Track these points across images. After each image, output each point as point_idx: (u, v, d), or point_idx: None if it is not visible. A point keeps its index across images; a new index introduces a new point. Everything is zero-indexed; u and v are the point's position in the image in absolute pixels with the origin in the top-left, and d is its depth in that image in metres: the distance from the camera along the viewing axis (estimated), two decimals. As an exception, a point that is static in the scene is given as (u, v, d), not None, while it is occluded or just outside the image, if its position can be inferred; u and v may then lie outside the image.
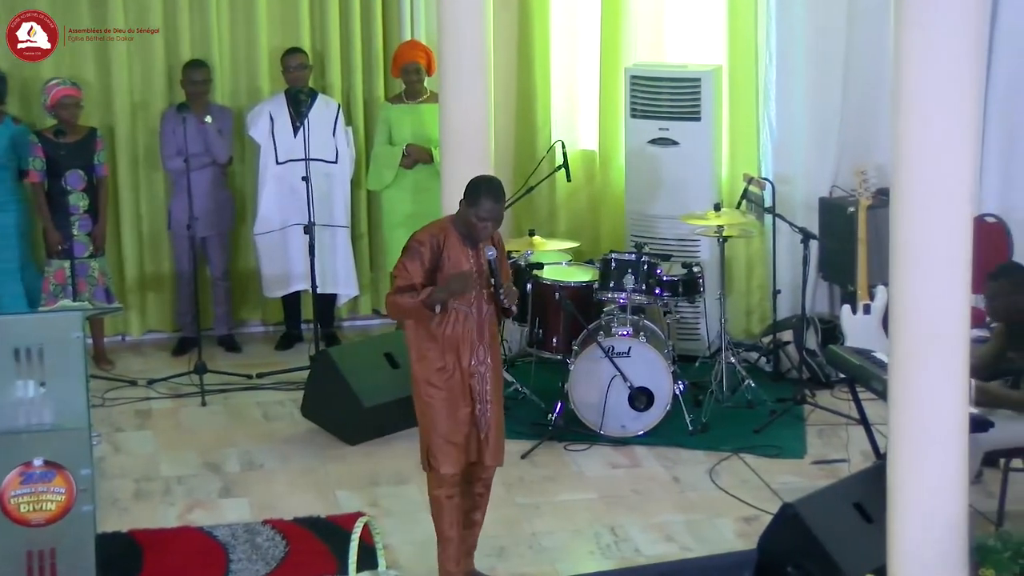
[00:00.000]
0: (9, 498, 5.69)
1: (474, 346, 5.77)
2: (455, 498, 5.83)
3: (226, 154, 8.73)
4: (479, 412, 5.81)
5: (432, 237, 5.71)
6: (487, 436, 5.83)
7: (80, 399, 5.74)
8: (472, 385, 5.79)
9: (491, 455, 5.87)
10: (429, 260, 5.68)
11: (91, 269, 8.40)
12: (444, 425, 5.76)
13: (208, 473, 7.23)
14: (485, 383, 5.81)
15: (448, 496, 5.82)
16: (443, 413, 5.76)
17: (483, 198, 5.65)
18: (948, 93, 4.86)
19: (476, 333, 5.76)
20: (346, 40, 9.10)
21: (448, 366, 5.75)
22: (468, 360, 5.76)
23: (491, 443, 5.85)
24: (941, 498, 5.08)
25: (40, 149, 8.31)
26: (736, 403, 7.91)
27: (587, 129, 9.15)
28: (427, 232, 5.76)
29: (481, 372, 5.80)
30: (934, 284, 4.98)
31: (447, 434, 5.76)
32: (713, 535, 6.54)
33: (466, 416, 5.78)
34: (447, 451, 5.76)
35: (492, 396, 5.84)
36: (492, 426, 5.84)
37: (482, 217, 5.65)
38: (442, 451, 5.76)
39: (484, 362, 5.80)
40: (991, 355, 6.49)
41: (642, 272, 7.70)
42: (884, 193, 7.74)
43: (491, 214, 5.66)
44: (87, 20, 8.75)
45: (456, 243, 5.72)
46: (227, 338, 9.01)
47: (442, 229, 5.75)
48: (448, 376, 5.75)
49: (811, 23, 8.49)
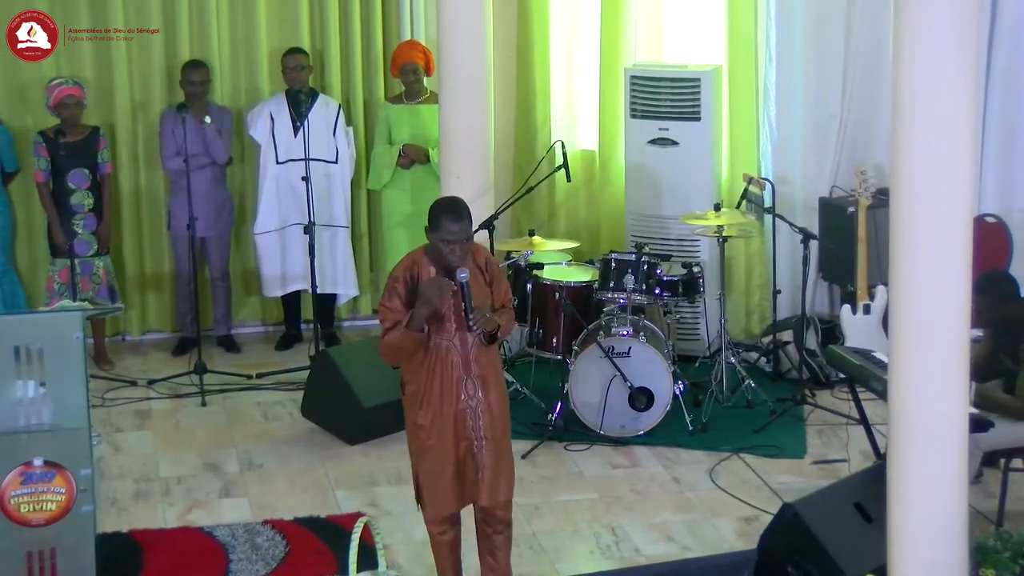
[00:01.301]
0: (9, 498, 5.68)
1: (461, 381, 5.45)
2: (448, 534, 5.63)
3: (225, 154, 8.73)
4: (475, 449, 5.49)
5: (405, 271, 5.42)
6: (483, 474, 5.51)
7: (80, 399, 5.74)
8: (465, 423, 5.47)
9: (487, 494, 5.53)
10: (406, 295, 5.38)
11: (95, 268, 8.42)
12: (431, 465, 5.50)
13: (208, 473, 7.23)
14: (478, 419, 5.48)
15: (440, 532, 5.63)
16: (430, 453, 5.49)
17: (443, 219, 5.33)
18: (947, 93, 4.86)
19: (462, 367, 5.44)
20: (346, 40, 9.10)
21: (433, 404, 5.45)
22: (456, 396, 5.44)
23: (487, 481, 5.51)
24: (941, 498, 5.08)
25: (44, 149, 8.31)
26: (736, 403, 7.91)
27: (587, 129, 9.15)
28: (400, 267, 5.46)
29: (472, 407, 5.46)
30: (934, 284, 4.98)
31: (433, 473, 5.50)
32: (713, 535, 6.55)
33: (454, 455, 5.48)
34: (433, 491, 5.52)
35: (487, 432, 5.49)
36: (488, 464, 5.50)
37: (447, 239, 5.32)
38: (428, 490, 5.54)
39: (475, 396, 5.46)
40: (984, 356, 6.50)
41: (642, 272, 7.70)
42: (884, 193, 7.75)
43: (455, 234, 5.32)
44: (87, 20, 8.76)
45: (429, 275, 5.41)
46: (227, 338, 9.01)
47: (414, 262, 5.45)
48: (433, 414, 5.45)
49: (811, 23, 8.49)
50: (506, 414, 5.61)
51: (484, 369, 5.50)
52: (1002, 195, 8.65)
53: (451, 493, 5.53)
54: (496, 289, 5.56)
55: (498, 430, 5.54)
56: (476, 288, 5.44)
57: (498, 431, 5.54)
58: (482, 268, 5.52)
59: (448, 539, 5.67)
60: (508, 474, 5.60)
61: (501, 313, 5.54)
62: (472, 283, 5.40)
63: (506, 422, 5.61)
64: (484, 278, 5.51)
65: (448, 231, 5.33)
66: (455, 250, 5.35)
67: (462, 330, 5.42)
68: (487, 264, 5.55)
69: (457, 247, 5.35)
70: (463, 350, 5.45)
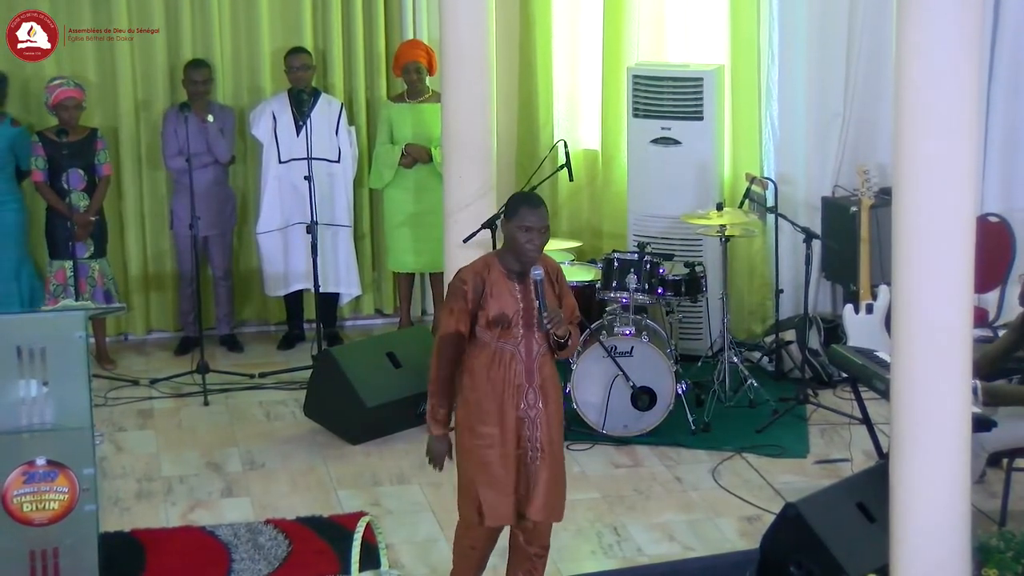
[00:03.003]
0: (12, 497, 5.69)
1: (522, 390, 5.31)
2: (478, 551, 5.49)
3: (227, 153, 8.73)
4: (530, 460, 5.35)
5: (475, 274, 5.28)
6: (538, 488, 5.36)
7: (83, 399, 5.74)
8: (521, 433, 5.34)
9: (537, 509, 5.37)
10: (472, 300, 5.26)
11: (91, 270, 8.41)
12: (489, 476, 5.33)
13: (210, 473, 7.23)
14: (536, 429, 5.34)
15: (472, 547, 5.49)
16: (488, 464, 5.33)
17: (522, 207, 5.24)
18: (950, 92, 4.86)
19: (525, 375, 5.31)
20: (348, 39, 9.10)
21: (493, 413, 5.31)
22: (516, 406, 5.32)
23: (540, 496, 5.35)
24: (944, 498, 5.08)
25: (41, 148, 8.31)
26: (738, 403, 7.91)
27: (589, 128, 9.15)
28: (471, 269, 5.33)
29: (531, 417, 5.34)
30: (936, 284, 4.98)
31: (492, 485, 5.33)
32: (715, 535, 6.54)
33: (512, 466, 5.34)
34: (491, 502, 5.34)
35: (545, 445, 5.35)
36: (544, 478, 5.35)
37: (526, 227, 5.20)
38: (487, 502, 5.34)
39: (535, 407, 5.33)
40: (1001, 350, 6.48)
41: (644, 272, 7.69)
42: (886, 192, 7.75)
43: (535, 222, 5.21)
44: (89, 20, 8.75)
45: (501, 278, 5.29)
46: (229, 338, 9.01)
47: (486, 264, 5.32)
48: (495, 424, 5.32)
49: (813, 22, 8.49)
50: (560, 429, 5.47)
51: (546, 380, 5.38)
52: (1005, 194, 8.65)
53: (510, 503, 5.37)
54: (565, 304, 5.42)
55: (555, 444, 5.41)
56: (552, 297, 5.33)
57: (555, 445, 5.41)
58: (553, 280, 5.39)
59: (478, 556, 5.52)
60: (561, 494, 5.46)
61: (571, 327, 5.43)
62: (549, 293, 5.31)
63: (561, 438, 5.47)
64: (554, 290, 5.39)
65: (527, 218, 5.22)
66: (534, 238, 5.23)
67: (528, 337, 5.32)
68: (558, 276, 5.43)
69: (536, 235, 5.23)
70: (527, 358, 5.34)
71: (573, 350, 5.54)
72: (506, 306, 5.29)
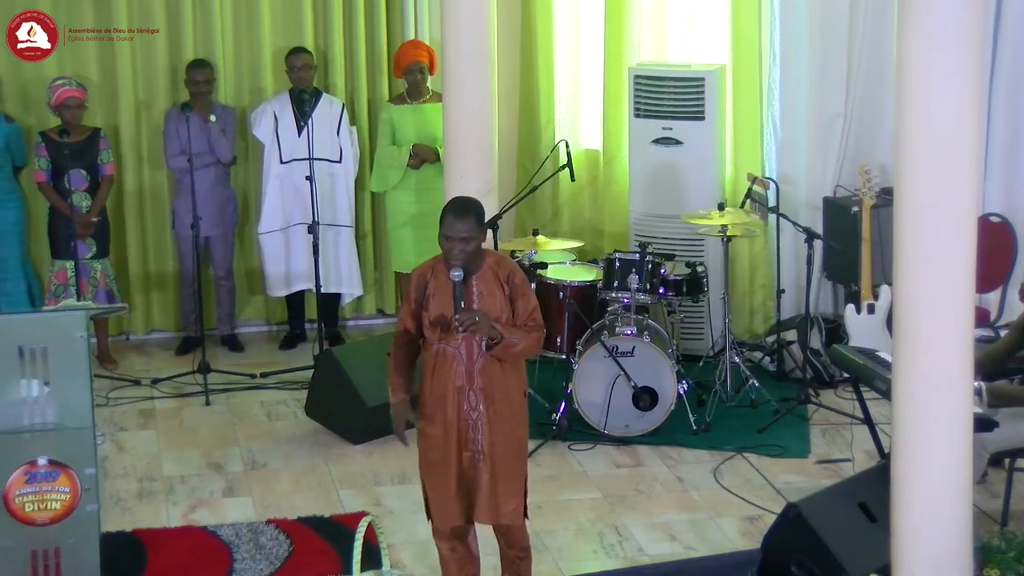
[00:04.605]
0: (14, 497, 5.69)
1: (463, 391, 5.32)
2: (456, 551, 5.52)
3: (229, 153, 8.73)
4: (476, 462, 5.35)
5: (420, 276, 5.35)
6: (479, 492, 5.36)
7: (84, 398, 5.75)
8: (466, 435, 5.34)
9: (481, 512, 5.38)
10: (415, 300, 5.34)
11: (93, 270, 8.41)
12: (435, 474, 5.40)
13: (211, 472, 7.23)
14: (477, 432, 5.32)
15: (449, 549, 5.52)
16: (435, 464, 5.39)
17: (447, 215, 5.23)
18: (951, 92, 4.85)
19: (465, 377, 5.31)
20: (350, 40, 9.10)
21: (435, 412, 5.35)
22: (458, 406, 5.32)
23: (483, 499, 5.36)
24: (945, 497, 5.07)
25: (44, 148, 8.32)
26: (740, 403, 7.91)
27: (591, 128, 9.15)
28: (417, 271, 5.40)
29: (473, 420, 5.32)
30: (938, 284, 4.97)
31: (436, 486, 5.41)
32: (716, 535, 6.54)
33: (457, 467, 5.35)
34: (437, 502, 5.42)
35: (486, 448, 5.33)
36: (483, 481, 5.35)
37: (446, 235, 5.22)
38: (433, 503, 5.44)
39: (476, 409, 5.31)
40: (1003, 350, 6.48)
41: (646, 272, 7.69)
42: (888, 193, 7.75)
43: (455, 231, 5.19)
44: (91, 19, 8.76)
45: (444, 280, 5.28)
46: (230, 338, 9.01)
47: (431, 266, 5.36)
48: (435, 423, 5.36)
49: (815, 22, 8.49)
50: (511, 433, 5.40)
51: (489, 383, 5.34)
52: (1006, 194, 8.65)
53: (455, 505, 5.40)
54: (518, 306, 5.36)
55: (498, 447, 5.36)
56: (489, 301, 5.31)
57: (498, 447, 5.36)
58: (503, 281, 5.35)
59: (457, 556, 5.55)
60: (509, 495, 5.40)
61: (516, 330, 5.32)
62: (487, 295, 5.31)
63: (511, 442, 5.40)
64: (503, 291, 5.35)
65: (448, 227, 5.24)
66: (453, 247, 5.23)
67: (469, 339, 5.30)
68: (510, 278, 5.36)
69: (456, 244, 5.22)
70: (468, 360, 5.33)
71: (527, 353, 5.40)
72: (446, 308, 5.30)
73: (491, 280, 5.34)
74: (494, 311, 5.32)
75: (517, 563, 5.61)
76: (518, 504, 5.46)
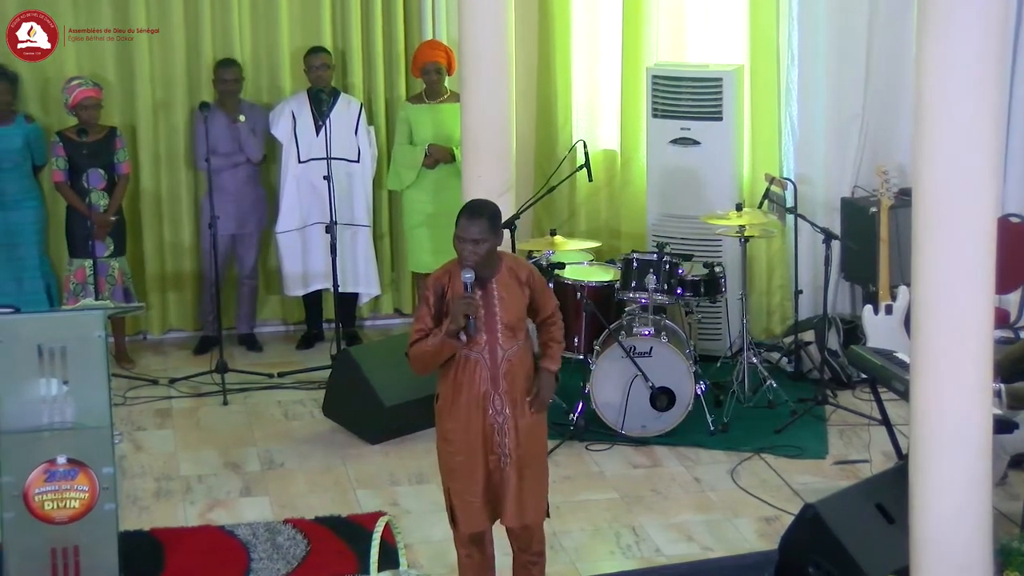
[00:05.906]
0: (34, 495, 5.71)
1: (488, 396, 5.31)
2: (473, 558, 5.50)
3: (259, 152, 8.74)
4: (502, 466, 5.34)
5: (436, 280, 5.33)
6: (507, 495, 5.36)
7: (102, 398, 5.76)
8: (492, 439, 5.33)
9: (509, 515, 5.38)
10: (435, 304, 5.29)
11: (111, 269, 8.43)
12: (459, 483, 5.37)
13: (229, 472, 7.24)
14: (504, 436, 5.32)
15: (467, 555, 5.50)
16: (459, 469, 5.36)
17: (461, 217, 5.24)
18: (970, 92, 4.84)
19: (490, 381, 5.30)
20: (368, 39, 9.10)
21: (460, 418, 5.34)
22: (484, 411, 5.32)
23: (511, 503, 5.35)
24: (964, 499, 5.05)
25: (62, 148, 8.34)
26: (757, 403, 7.90)
27: (608, 129, 9.14)
28: (433, 275, 5.39)
29: (499, 424, 5.32)
30: (957, 285, 4.96)
31: (462, 492, 5.37)
32: (734, 535, 6.53)
33: (484, 471, 5.35)
34: (464, 507, 5.38)
35: (512, 451, 5.33)
36: (512, 484, 5.34)
37: (459, 236, 5.21)
38: (459, 509, 5.39)
39: (502, 413, 5.32)
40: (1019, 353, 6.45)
41: (663, 272, 7.69)
42: (906, 193, 7.73)
43: (467, 232, 5.19)
44: (109, 19, 8.77)
45: (460, 283, 5.27)
46: (248, 337, 9.02)
47: (447, 270, 5.34)
48: (461, 430, 5.34)
49: (833, 23, 8.47)
50: (535, 435, 5.42)
51: (515, 386, 5.35)
52: (1026, 195, 8.62)
53: (481, 510, 5.39)
54: (543, 305, 5.44)
55: (525, 449, 5.37)
56: (511, 304, 5.32)
57: (525, 450, 5.37)
58: (523, 282, 5.37)
59: (475, 563, 5.54)
60: (536, 499, 5.43)
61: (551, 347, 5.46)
62: (508, 299, 5.32)
63: (535, 443, 5.42)
64: (523, 292, 5.37)
65: (460, 228, 5.23)
66: (465, 248, 5.22)
67: (492, 343, 5.30)
68: (529, 278, 5.39)
69: (467, 246, 5.22)
70: (492, 364, 5.32)
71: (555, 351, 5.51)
72: None
73: (511, 282, 5.36)
74: (517, 313, 5.35)
75: (529, 567, 5.59)
76: (543, 504, 5.50)
